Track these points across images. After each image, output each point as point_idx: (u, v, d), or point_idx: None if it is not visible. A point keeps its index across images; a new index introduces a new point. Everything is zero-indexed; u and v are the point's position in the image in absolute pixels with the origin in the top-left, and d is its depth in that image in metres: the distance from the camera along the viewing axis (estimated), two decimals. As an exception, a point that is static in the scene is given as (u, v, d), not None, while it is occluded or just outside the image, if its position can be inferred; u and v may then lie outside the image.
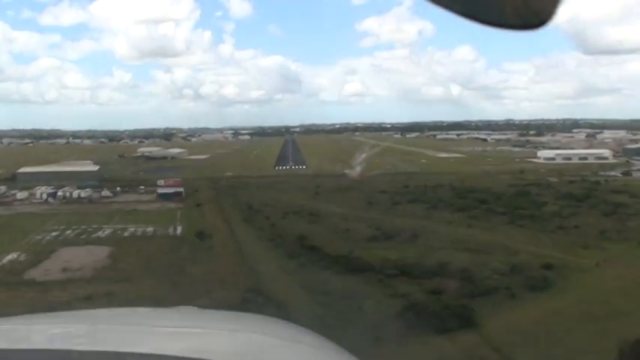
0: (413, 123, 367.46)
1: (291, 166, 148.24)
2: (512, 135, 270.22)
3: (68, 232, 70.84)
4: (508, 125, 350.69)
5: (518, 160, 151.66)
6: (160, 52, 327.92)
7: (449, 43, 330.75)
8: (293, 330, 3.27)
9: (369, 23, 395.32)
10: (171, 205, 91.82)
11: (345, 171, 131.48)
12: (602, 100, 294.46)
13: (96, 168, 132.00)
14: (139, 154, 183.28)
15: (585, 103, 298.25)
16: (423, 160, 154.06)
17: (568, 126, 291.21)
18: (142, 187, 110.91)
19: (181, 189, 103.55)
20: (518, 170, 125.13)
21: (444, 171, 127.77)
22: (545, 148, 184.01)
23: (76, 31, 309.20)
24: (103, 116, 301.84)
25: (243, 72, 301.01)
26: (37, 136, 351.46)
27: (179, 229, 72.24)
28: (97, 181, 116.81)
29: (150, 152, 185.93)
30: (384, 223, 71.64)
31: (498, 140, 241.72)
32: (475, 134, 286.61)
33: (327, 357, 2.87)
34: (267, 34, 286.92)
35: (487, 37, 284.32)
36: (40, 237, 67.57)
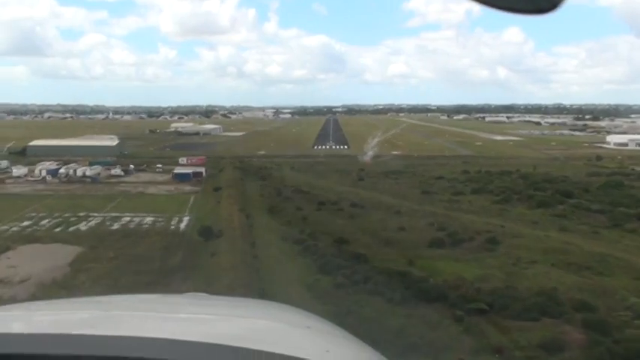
0: (459, 105, 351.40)
1: (331, 146, 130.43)
2: (566, 119, 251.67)
3: (45, 221, 54.62)
4: (558, 109, 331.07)
5: (586, 144, 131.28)
6: (205, 30, 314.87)
7: (497, 24, 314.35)
8: (303, 316, 3.11)
9: (416, 2, 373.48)
10: (187, 187, 75.11)
11: (393, 152, 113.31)
12: None
13: (114, 143, 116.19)
14: (172, 129, 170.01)
15: (637, 89, 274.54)
16: (478, 143, 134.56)
17: (622, 111, 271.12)
18: (160, 165, 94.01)
19: (202, 169, 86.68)
20: (592, 156, 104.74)
21: (505, 155, 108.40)
22: (607, 132, 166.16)
23: (121, 7, 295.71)
24: (147, 92, 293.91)
25: (286, 51, 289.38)
26: (79, 111, 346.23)
27: (184, 222, 55.57)
28: (114, 157, 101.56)
29: (182, 128, 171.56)
30: (447, 221, 53.25)
31: (552, 124, 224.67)
32: (526, 117, 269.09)
33: (338, 343, 2.76)
34: (311, 13, 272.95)
35: (536, 19, 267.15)
36: (3, 228, 51.70)
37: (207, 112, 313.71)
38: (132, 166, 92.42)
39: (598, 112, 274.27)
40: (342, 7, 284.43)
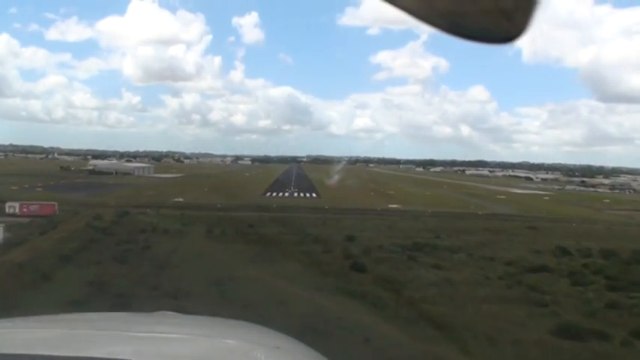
0: (426, 160, 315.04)
1: (292, 193, 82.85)
2: (555, 176, 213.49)
3: None
4: (530, 166, 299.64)
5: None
6: (169, 75, 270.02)
7: (462, 82, 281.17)
8: (273, 336, 2.91)
9: (383, 56, 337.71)
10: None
11: (390, 205, 66.22)
12: (612, 149, 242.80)
13: None
14: (90, 167, 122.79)
15: (596, 151, 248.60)
16: (501, 197, 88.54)
17: (593, 170, 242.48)
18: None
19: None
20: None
21: (564, 216, 62.55)
22: (615, 189, 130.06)
23: (84, 49, 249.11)
24: (109, 137, 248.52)
25: (252, 100, 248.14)
26: (28, 151, 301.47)
27: None
28: None
29: (95, 165, 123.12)
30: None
31: (544, 179, 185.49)
32: (509, 172, 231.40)
33: None
34: (278, 63, 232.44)
35: (501, 78, 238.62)
36: None
37: (160, 157, 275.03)
38: None
39: (573, 171, 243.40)
40: (308, 58, 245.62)
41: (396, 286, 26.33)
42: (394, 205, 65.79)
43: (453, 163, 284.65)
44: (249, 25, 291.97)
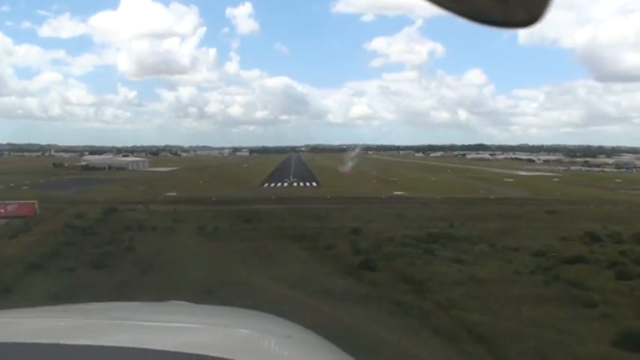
0: (425, 145, 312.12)
1: (292, 183, 78.82)
2: (560, 157, 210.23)
3: None
4: (521, 148, 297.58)
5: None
6: (165, 69, 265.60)
7: (459, 66, 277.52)
8: (286, 326, 2.86)
9: (379, 43, 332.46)
10: None
11: (395, 192, 62.30)
12: (611, 129, 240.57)
13: None
14: (83, 162, 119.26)
15: (594, 131, 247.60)
16: (509, 180, 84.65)
17: (593, 151, 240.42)
18: None
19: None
20: None
21: (579, 198, 58.58)
22: (623, 168, 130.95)
23: (78, 46, 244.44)
24: (106, 133, 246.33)
25: (248, 91, 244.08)
26: (25, 149, 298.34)
27: None
28: None
29: (88, 161, 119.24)
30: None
31: (546, 161, 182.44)
32: (510, 155, 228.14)
33: (320, 354, 2.59)
34: (273, 52, 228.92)
35: (497, 61, 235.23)
36: None
37: (157, 151, 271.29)
38: None
39: (574, 151, 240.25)
40: (303, 48, 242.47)
41: (415, 287, 22.44)
42: (400, 192, 61.84)
43: (453, 148, 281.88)
44: (243, 16, 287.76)
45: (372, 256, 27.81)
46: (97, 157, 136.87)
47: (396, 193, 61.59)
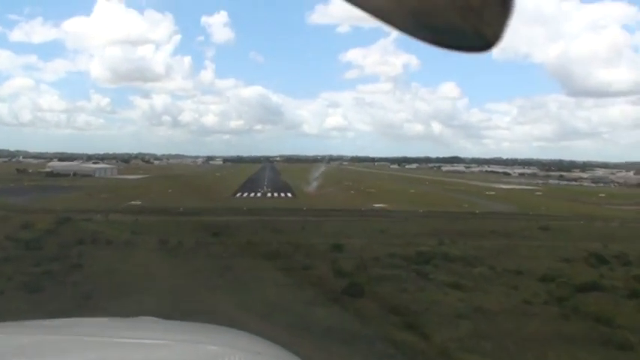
0: (399, 157, 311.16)
1: (265, 193, 74.61)
2: (535, 170, 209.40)
3: None
4: (495, 161, 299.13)
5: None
6: (138, 76, 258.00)
7: (433, 79, 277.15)
8: (256, 342, 2.82)
9: (354, 54, 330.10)
10: None
11: (375, 205, 58.70)
12: (581, 144, 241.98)
13: None
14: (48, 169, 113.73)
15: (565, 146, 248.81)
16: (491, 193, 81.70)
17: (565, 165, 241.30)
18: None
19: None
20: None
21: (563, 212, 55.62)
22: (598, 182, 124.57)
23: (50, 51, 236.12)
24: (79, 140, 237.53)
25: (223, 100, 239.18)
26: None
27: None
28: None
29: (53, 167, 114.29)
30: None
31: (522, 174, 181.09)
32: (485, 168, 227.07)
33: None
34: (248, 61, 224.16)
35: (471, 75, 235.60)
36: None
37: (129, 158, 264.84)
38: None
39: (547, 165, 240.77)
40: (279, 57, 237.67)
41: (411, 320, 18.61)
42: (379, 205, 58.26)
43: (428, 160, 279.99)
44: (218, 25, 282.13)
45: (357, 279, 23.94)
46: (62, 163, 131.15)
47: (376, 205, 57.99)
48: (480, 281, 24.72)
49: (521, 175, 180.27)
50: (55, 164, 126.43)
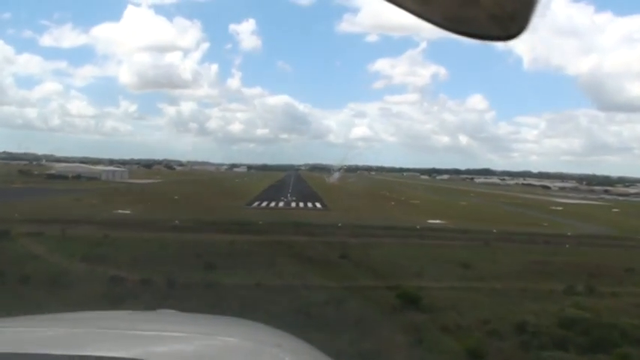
0: (428, 168, 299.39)
1: (289, 202, 60.95)
2: (574, 184, 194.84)
3: None
4: (526, 174, 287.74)
5: None
6: (166, 83, 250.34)
7: (461, 90, 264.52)
8: (273, 334, 2.82)
9: (382, 64, 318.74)
10: None
11: (430, 221, 44.81)
12: (611, 159, 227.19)
13: None
14: (52, 170, 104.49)
15: (595, 161, 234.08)
16: (558, 208, 67.14)
17: (600, 179, 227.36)
18: None
19: None
20: None
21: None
22: None
23: (79, 57, 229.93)
24: (106, 146, 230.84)
25: (249, 108, 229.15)
26: (15, 157, 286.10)
27: None
28: None
29: (56, 169, 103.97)
30: None
31: (562, 188, 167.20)
32: (520, 180, 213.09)
33: None
34: (275, 70, 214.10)
35: (499, 87, 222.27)
36: None
37: (151, 164, 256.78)
38: None
39: (581, 179, 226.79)
40: (306, 67, 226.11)
41: None
42: (435, 221, 44.42)
43: (457, 172, 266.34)
44: (246, 32, 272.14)
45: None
46: (67, 165, 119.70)
47: (431, 221, 44.10)
48: None
49: (562, 188, 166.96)
50: (58, 165, 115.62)
